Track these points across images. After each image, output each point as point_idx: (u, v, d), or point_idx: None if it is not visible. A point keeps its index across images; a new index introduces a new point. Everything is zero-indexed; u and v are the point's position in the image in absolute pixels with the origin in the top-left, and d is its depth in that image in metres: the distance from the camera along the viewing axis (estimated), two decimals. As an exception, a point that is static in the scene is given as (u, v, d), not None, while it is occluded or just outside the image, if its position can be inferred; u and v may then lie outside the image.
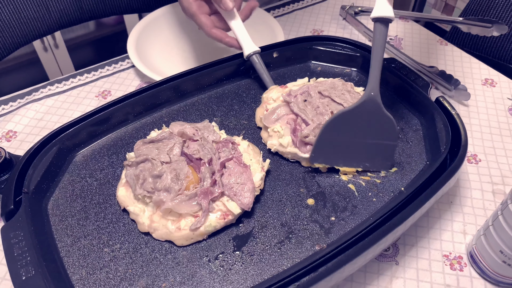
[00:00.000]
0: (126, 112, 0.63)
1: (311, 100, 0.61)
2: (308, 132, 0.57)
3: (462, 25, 0.83)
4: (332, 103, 0.61)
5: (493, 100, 0.76)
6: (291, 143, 0.58)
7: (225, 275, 0.48)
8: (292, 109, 0.60)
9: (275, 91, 0.65)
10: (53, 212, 0.53)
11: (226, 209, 0.51)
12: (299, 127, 0.59)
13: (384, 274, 0.52)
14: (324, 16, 0.96)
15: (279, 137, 0.59)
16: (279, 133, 0.59)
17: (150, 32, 0.85)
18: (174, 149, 0.55)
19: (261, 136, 0.62)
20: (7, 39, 0.96)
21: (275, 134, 0.59)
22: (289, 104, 0.61)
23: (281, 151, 0.59)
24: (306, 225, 0.52)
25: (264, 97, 0.65)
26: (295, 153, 0.57)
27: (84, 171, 0.58)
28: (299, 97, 0.61)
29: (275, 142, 0.59)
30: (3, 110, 0.73)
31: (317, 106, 0.59)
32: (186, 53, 0.85)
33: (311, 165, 0.58)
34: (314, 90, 0.62)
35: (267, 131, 0.61)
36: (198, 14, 0.67)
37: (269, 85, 0.67)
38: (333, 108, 0.60)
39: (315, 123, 0.57)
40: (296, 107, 0.60)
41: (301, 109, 0.59)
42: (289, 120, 0.60)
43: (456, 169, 0.52)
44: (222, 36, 0.68)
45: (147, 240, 0.51)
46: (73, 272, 0.48)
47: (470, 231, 0.57)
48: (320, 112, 0.59)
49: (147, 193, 0.51)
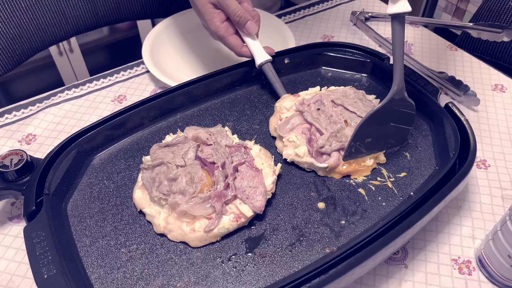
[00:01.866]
0: (142, 117, 0.65)
1: (324, 109, 0.61)
2: (323, 142, 0.57)
3: (472, 30, 0.83)
4: (345, 111, 0.62)
5: (503, 106, 0.76)
6: (307, 153, 0.58)
7: (238, 276, 0.49)
8: (306, 118, 0.61)
9: (288, 100, 0.66)
10: (73, 213, 0.55)
11: (238, 212, 0.53)
12: (314, 137, 0.59)
13: (393, 277, 0.53)
14: (335, 22, 0.97)
15: (294, 147, 0.59)
16: (294, 143, 0.60)
17: (164, 38, 0.87)
18: (189, 153, 0.57)
19: (276, 145, 0.63)
20: (25, 44, 0.99)
21: (291, 144, 0.60)
22: (303, 113, 0.61)
23: (297, 161, 0.59)
24: (317, 228, 0.53)
25: (277, 106, 0.66)
26: (312, 163, 0.58)
27: (102, 174, 0.60)
28: (312, 106, 0.62)
29: (291, 152, 0.60)
30: (22, 114, 0.75)
31: (330, 115, 0.60)
32: (199, 58, 0.87)
33: (327, 174, 0.59)
34: (326, 98, 0.63)
35: (282, 141, 0.61)
36: (226, 36, 0.68)
37: (282, 94, 0.68)
38: (346, 117, 0.61)
39: (328, 132, 0.58)
40: (309, 116, 0.60)
41: (314, 118, 0.60)
42: (304, 130, 0.60)
43: (465, 175, 0.53)
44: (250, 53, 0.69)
45: (163, 241, 0.52)
46: (92, 272, 0.49)
47: (478, 235, 0.57)
48: (333, 121, 0.60)
49: (163, 195, 0.53)
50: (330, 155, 0.58)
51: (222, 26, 0.68)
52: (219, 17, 0.68)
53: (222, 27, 0.68)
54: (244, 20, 0.66)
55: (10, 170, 0.54)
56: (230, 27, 0.69)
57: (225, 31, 0.68)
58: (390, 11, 0.56)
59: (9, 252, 0.56)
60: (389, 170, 0.60)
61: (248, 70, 0.72)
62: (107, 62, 1.96)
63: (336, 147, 0.58)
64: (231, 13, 0.66)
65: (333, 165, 0.58)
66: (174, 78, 0.77)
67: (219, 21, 0.68)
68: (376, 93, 0.71)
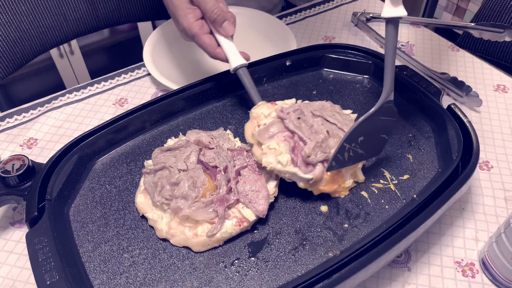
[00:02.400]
0: (143, 121, 0.65)
1: (305, 118, 0.58)
2: (309, 151, 0.54)
3: (474, 30, 0.83)
4: (326, 122, 0.58)
5: (505, 106, 0.76)
6: (290, 161, 0.54)
7: (241, 281, 0.49)
8: (288, 126, 0.57)
9: (265, 107, 0.62)
10: (75, 218, 0.55)
11: (241, 216, 0.53)
12: (298, 145, 0.55)
13: (396, 280, 0.53)
14: (336, 23, 0.97)
15: (276, 155, 0.55)
16: (276, 150, 0.55)
17: (165, 41, 0.87)
18: (191, 157, 0.57)
19: (253, 152, 0.58)
20: (26, 47, 0.99)
21: (271, 152, 0.55)
22: (284, 120, 0.57)
23: (278, 170, 0.54)
24: (320, 232, 0.53)
25: (254, 112, 0.61)
26: (295, 173, 0.54)
27: (104, 178, 0.60)
28: (292, 114, 0.58)
29: (272, 160, 0.55)
30: (24, 118, 0.75)
31: (311, 125, 0.57)
32: (201, 61, 0.87)
33: (307, 187, 0.55)
34: (306, 108, 0.59)
35: (260, 148, 0.56)
36: (200, 35, 0.63)
37: (257, 101, 0.63)
38: (328, 128, 0.57)
39: (313, 141, 0.55)
40: (291, 124, 0.57)
41: (296, 127, 0.56)
42: (286, 138, 0.56)
43: (468, 177, 0.53)
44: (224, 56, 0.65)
45: (165, 246, 0.52)
46: (95, 277, 0.49)
47: (482, 238, 0.57)
48: (315, 130, 0.56)
49: (165, 200, 0.53)
50: (315, 166, 0.54)
51: (197, 23, 0.63)
52: (194, 13, 0.63)
53: (196, 24, 0.63)
54: (221, 18, 0.63)
55: (12, 175, 0.54)
56: (205, 26, 0.64)
57: (199, 28, 0.63)
58: (385, 15, 0.55)
59: (11, 257, 0.56)
60: (392, 173, 0.60)
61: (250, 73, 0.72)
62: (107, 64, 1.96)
63: (321, 158, 0.54)
64: (208, 10, 0.62)
65: (318, 178, 0.54)
66: (175, 81, 0.77)
67: (194, 18, 0.63)
68: (378, 94, 0.71)
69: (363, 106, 0.70)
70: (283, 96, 0.72)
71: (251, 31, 0.91)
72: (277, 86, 0.74)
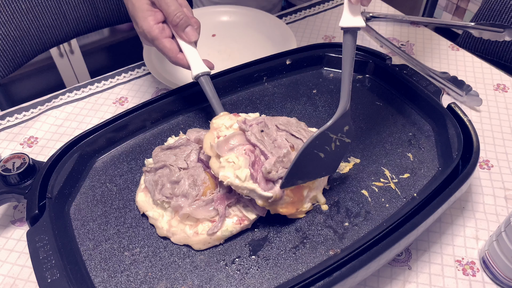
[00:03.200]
0: (144, 119, 0.65)
1: (268, 132, 0.55)
2: (270, 167, 0.51)
3: (473, 30, 0.83)
4: (291, 137, 0.56)
5: (505, 106, 0.76)
6: (249, 177, 0.51)
7: (242, 279, 0.49)
8: (249, 138, 0.53)
9: (227, 118, 0.58)
10: (75, 216, 0.55)
11: (242, 215, 0.53)
12: (259, 160, 0.52)
13: (397, 279, 0.53)
14: (336, 22, 0.97)
15: (235, 169, 0.51)
16: (234, 164, 0.51)
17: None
18: (191, 156, 0.57)
19: (210, 165, 0.54)
20: (26, 46, 0.99)
21: (229, 165, 0.51)
22: (246, 133, 0.54)
23: (235, 185, 0.50)
24: (320, 230, 0.53)
25: (214, 123, 0.57)
26: (253, 189, 0.50)
27: (104, 176, 0.60)
28: (255, 127, 0.55)
29: (230, 174, 0.50)
30: (24, 117, 0.75)
31: (274, 139, 0.54)
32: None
33: (265, 206, 0.52)
34: (270, 122, 0.57)
35: (218, 161, 0.52)
36: (160, 38, 0.59)
37: (218, 112, 0.60)
38: (292, 142, 0.55)
39: (274, 156, 0.52)
40: (253, 137, 0.53)
41: (258, 140, 0.53)
42: (247, 151, 0.53)
43: (468, 176, 0.53)
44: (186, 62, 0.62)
45: (166, 244, 0.52)
46: (95, 275, 0.49)
47: (482, 236, 0.57)
48: (278, 145, 0.54)
49: (166, 198, 0.53)
50: (275, 183, 0.51)
51: (157, 26, 0.59)
52: (155, 16, 0.60)
53: (156, 27, 0.59)
54: (184, 23, 0.60)
55: (13, 173, 0.54)
56: (166, 29, 0.61)
57: (159, 31, 0.59)
58: (342, 24, 0.52)
59: (12, 255, 0.56)
60: (392, 171, 0.60)
61: (249, 73, 0.72)
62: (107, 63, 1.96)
63: (282, 174, 0.51)
64: (171, 14, 0.59)
65: (277, 196, 0.51)
66: (175, 80, 0.77)
67: (154, 21, 0.59)
68: (378, 93, 0.71)
69: (363, 105, 0.70)
70: (284, 95, 0.72)
71: (252, 30, 0.91)
72: (277, 85, 0.74)
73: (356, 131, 0.65)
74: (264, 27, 0.90)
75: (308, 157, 0.51)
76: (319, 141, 0.52)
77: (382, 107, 0.69)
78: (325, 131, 0.52)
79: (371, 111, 0.69)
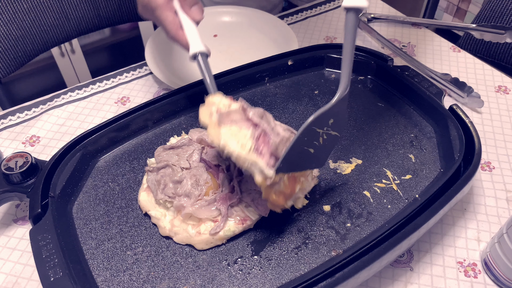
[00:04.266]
0: (146, 119, 0.65)
1: (267, 119, 0.53)
2: (279, 142, 0.49)
3: (475, 31, 0.83)
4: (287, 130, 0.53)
5: (507, 107, 0.76)
6: (253, 149, 0.48)
7: (244, 279, 0.49)
8: (251, 118, 0.51)
9: (224, 98, 0.54)
10: (78, 215, 0.55)
11: (244, 215, 0.53)
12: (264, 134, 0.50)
13: (398, 280, 0.53)
14: (337, 23, 0.97)
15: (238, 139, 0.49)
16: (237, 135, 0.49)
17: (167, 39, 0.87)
18: (194, 155, 0.57)
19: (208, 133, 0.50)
20: (28, 46, 0.99)
21: (231, 134, 0.49)
22: (248, 112, 0.52)
23: (237, 155, 0.48)
24: (322, 231, 0.53)
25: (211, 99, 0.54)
26: (256, 162, 0.47)
27: (107, 176, 0.60)
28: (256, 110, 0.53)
29: (232, 143, 0.48)
30: (26, 116, 0.75)
31: (273, 127, 0.52)
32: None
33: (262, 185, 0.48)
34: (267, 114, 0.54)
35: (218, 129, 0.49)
36: (164, 8, 0.56)
37: (213, 92, 0.58)
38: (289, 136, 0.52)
39: (279, 136, 0.50)
40: (256, 117, 0.51)
41: (261, 120, 0.51)
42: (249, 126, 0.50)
43: (470, 177, 0.53)
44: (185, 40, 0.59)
45: (168, 243, 0.52)
46: (98, 274, 0.49)
47: (484, 238, 0.57)
48: (277, 132, 0.51)
49: (168, 198, 0.53)
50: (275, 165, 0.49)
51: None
52: None
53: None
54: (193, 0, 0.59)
55: (15, 172, 0.54)
56: (171, 3, 0.58)
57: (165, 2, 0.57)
58: (345, 4, 0.50)
59: (15, 254, 0.56)
60: (394, 173, 0.60)
61: (251, 73, 0.72)
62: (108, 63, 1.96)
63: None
64: None
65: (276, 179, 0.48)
66: (177, 80, 0.77)
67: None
68: (380, 95, 0.72)
69: (365, 106, 0.70)
70: (285, 95, 0.72)
71: (253, 31, 0.91)
72: (279, 85, 0.74)
73: (358, 132, 0.66)
74: (265, 28, 0.90)
75: (306, 139, 0.49)
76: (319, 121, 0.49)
77: (384, 108, 0.69)
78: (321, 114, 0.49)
79: (373, 112, 0.69)
